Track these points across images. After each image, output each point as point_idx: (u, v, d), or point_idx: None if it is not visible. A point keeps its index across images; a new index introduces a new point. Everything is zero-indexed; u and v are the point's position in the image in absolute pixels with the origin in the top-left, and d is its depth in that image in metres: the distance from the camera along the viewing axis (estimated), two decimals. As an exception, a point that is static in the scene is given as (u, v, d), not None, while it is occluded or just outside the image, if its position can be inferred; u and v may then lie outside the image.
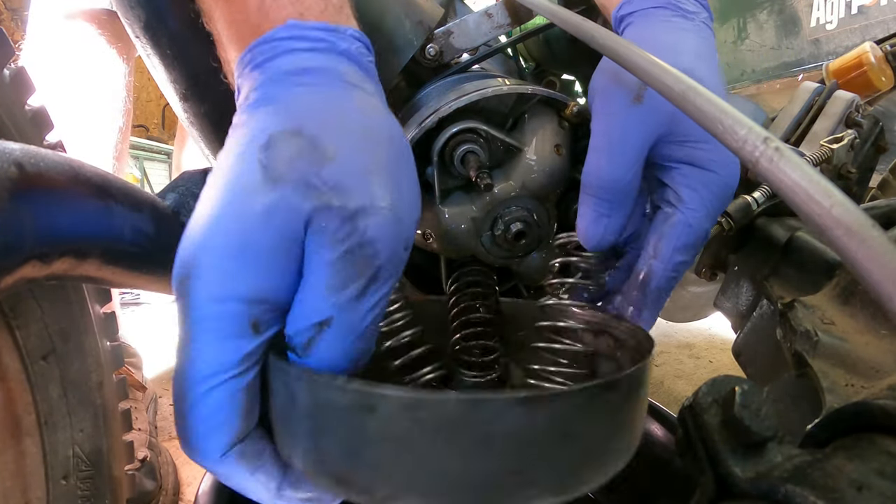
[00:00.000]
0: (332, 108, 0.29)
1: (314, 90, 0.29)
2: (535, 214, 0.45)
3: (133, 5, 0.40)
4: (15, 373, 0.37)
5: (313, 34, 0.30)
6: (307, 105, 0.29)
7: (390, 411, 0.22)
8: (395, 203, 0.27)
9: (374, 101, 0.31)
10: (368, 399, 0.22)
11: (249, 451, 0.27)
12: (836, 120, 0.61)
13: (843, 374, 0.30)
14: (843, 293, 0.43)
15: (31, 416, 0.38)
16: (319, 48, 0.30)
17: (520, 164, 0.44)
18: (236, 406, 0.26)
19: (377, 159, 0.28)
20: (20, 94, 0.38)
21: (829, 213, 0.18)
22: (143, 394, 0.92)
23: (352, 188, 0.26)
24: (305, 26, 0.30)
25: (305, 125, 0.27)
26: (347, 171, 0.27)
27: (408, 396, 0.22)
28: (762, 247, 0.53)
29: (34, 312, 0.39)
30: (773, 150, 0.20)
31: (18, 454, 0.38)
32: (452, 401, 0.21)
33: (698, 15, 0.39)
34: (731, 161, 0.36)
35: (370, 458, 0.23)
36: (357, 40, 0.32)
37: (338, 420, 0.23)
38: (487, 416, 0.21)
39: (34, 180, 0.30)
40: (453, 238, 0.47)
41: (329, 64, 0.30)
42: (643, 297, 0.38)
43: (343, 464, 0.23)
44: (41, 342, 0.39)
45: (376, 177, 0.27)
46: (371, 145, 0.28)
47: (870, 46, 0.75)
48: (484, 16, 0.52)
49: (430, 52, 0.52)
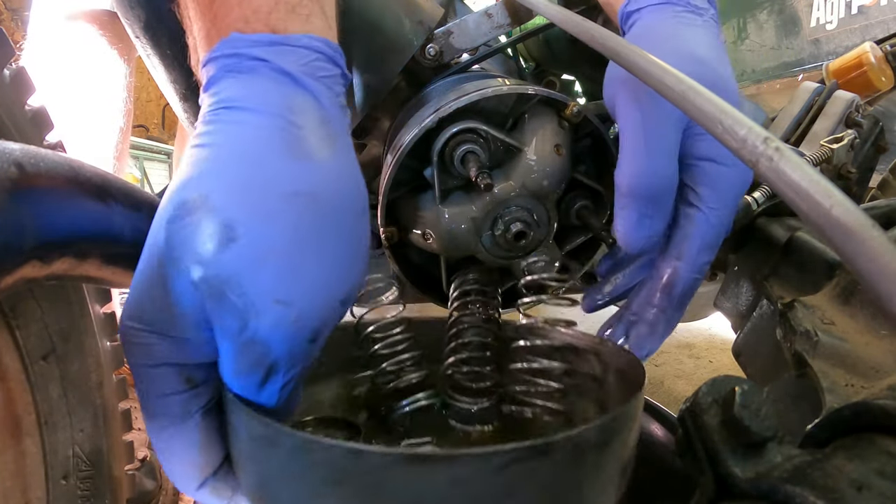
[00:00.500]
0: (247, 168, 0.26)
1: (237, 137, 0.27)
2: (535, 214, 0.45)
3: (133, 5, 0.40)
4: (15, 373, 0.37)
5: (254, 52, 0.28)
6: (223, 164, 0.26)
7: (289, 450, 0.22)
8: (293, 298, 0.25)
9: (310, 143, 0.27)
10: (275, 436, 0.23)
11: (221, 485, 0.28)
12: (836, 120, 0.61)
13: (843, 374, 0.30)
14: (843, 293, 0.43)
15: (31, 416, 0.38)
16: (259, 70, 0.28)
17: (520, 164, 0.44)
18: (195, 447, 0.27)
19: (285, 237, 0.25)
20: (20, 94, 0.38)
21: (829, 214, 0.18)
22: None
23: (245, 282, 0.25)
24: (247, 41, 0.28)
25: (213, 194, 0.25)
26: (245, 256, 0.25)
27: (303, 438, 0.22)
28: (762, 247, 0.53)
29: (34, 312, 0.39)
30: (773, 150, 0.20)
31: (18, 454, 0.38)
32: (341, 448, 0.21)
33: (707, 11, 0.39)
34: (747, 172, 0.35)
35: (274, 490, 0.24)
36: (312, 51, 0.29)
37: (254, 452, 0.25)
38: (371, 467, 0.20)
39: (34, 180, 0.30)
40: (453, 238, 0.47)
41: (263, 95, 0.27)
42: (668, 299, 0.37)
43: (259, 493, 0.25)
44: (41, 342, 0.39)
45: (276, 265, 0.25)
46: (284, 216, 0.26)
47: (870, 46, 0.75)
48: (484, 16, 0.52)
49: (430, 52, 0.52)
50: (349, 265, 0.27)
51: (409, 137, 0.43)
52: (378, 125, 0.58)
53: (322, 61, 0.29)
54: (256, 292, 0.25)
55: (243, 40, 0.28)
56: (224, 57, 0.28)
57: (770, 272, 0.52)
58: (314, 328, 0.26)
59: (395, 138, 0.49)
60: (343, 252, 0.27)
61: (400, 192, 0.48)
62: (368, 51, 0.51)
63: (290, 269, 0.25)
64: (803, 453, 0.22)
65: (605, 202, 0.49)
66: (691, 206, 0.36)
